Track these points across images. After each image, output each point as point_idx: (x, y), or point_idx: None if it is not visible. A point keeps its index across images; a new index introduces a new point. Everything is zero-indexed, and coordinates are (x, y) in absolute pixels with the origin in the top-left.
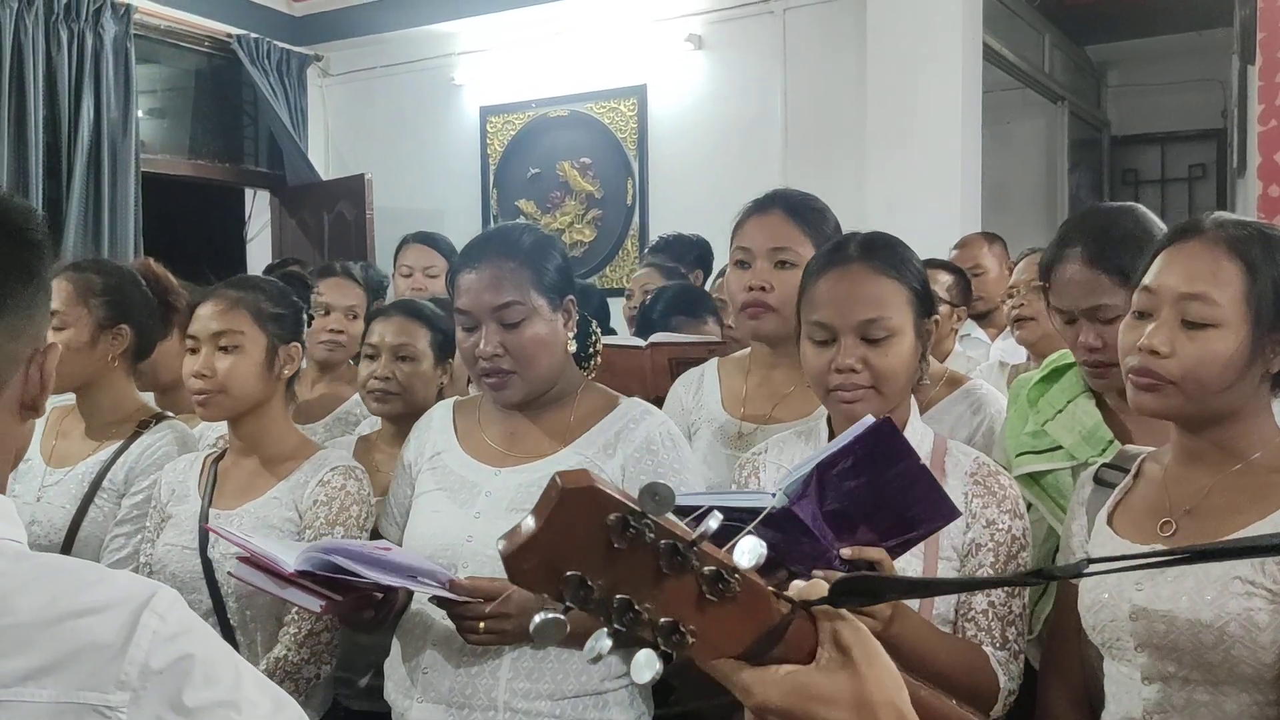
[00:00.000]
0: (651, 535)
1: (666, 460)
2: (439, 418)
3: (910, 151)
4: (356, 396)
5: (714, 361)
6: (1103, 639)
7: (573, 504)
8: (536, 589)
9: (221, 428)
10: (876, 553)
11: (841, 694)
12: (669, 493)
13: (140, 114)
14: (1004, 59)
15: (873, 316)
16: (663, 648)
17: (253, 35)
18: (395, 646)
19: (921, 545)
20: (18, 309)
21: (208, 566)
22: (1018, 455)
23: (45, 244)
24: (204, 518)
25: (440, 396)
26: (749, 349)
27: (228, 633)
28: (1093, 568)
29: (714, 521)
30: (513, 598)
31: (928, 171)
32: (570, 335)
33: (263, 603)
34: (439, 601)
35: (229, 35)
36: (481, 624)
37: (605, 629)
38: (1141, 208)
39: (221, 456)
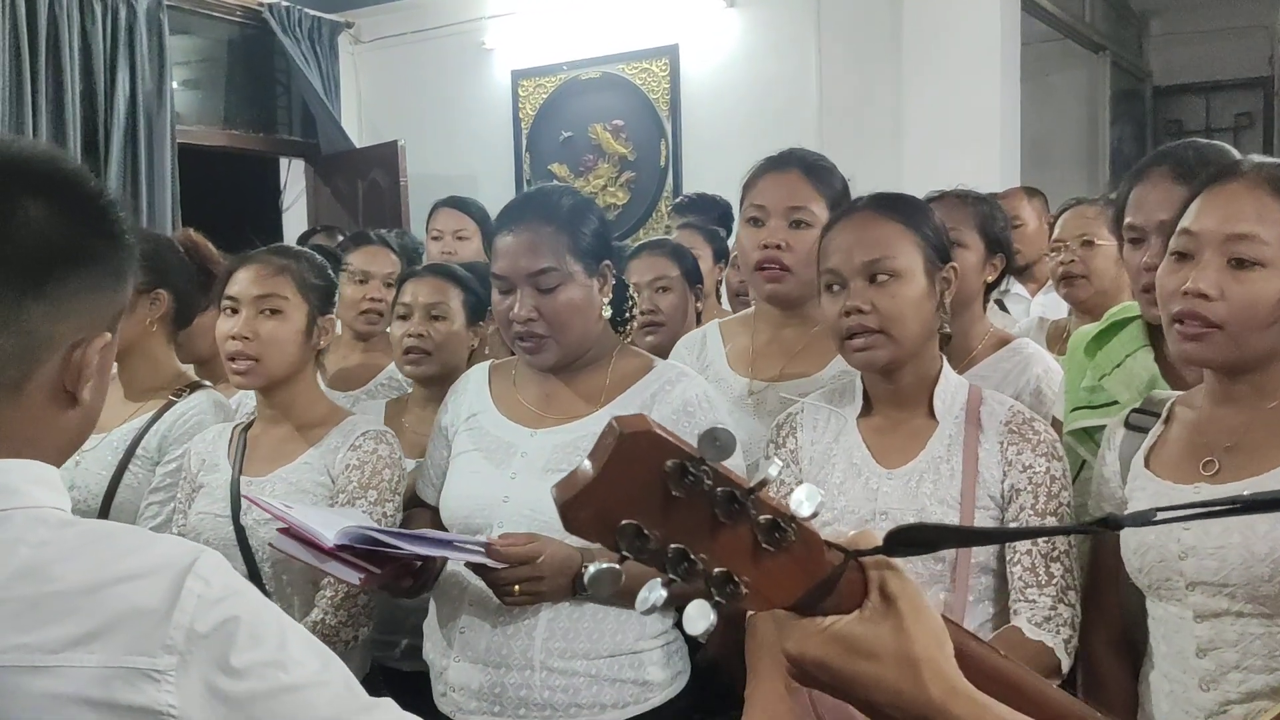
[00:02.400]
0: (709, 483)
1: (704, 421)
2: (475, 380)
3: (948, 106)
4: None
5: (715, 322)
6: (1149, 581)
7: (631, 449)
8: (591, 538)
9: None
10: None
11: (883, 646)
12: (730, 438)
13: (175, 85)
14: (1043, 9)
15: (876, 257)
16: (716, 598)
17: (284, 3)
18: (432, 608)
19: (958, 497)
20: (65, 292)
21: (240, 533)
22: (1073, 410)
23: (118, 233)
24: (235, 485)
25: (471, 360)
26: (751, 308)
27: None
28: (1161, 515)
29: (773, 469)
30: (545, 559)
31: (966, 126)
32: (606, 300)
33: (298, 568)
34: (474, 568)
35: (260, 4)
36: (516, 587)
37: (660, 580)
38: (1232, 149)
39: (250, 426)
